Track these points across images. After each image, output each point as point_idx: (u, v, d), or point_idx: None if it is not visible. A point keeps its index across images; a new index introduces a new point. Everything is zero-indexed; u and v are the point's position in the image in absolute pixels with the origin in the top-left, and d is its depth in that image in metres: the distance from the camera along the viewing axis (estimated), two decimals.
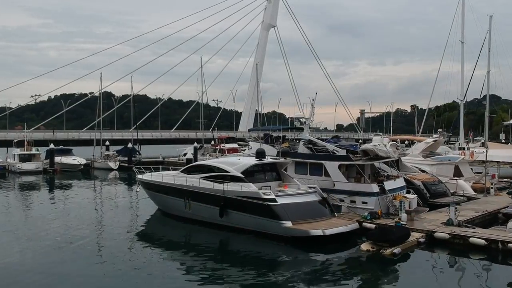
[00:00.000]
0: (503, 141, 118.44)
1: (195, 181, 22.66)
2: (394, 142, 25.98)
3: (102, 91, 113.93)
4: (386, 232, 17.88)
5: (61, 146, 58.01)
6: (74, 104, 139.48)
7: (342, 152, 24.83)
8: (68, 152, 56.18)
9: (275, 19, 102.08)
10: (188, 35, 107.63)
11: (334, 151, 25.16)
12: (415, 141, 36.46)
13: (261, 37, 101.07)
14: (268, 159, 21.92)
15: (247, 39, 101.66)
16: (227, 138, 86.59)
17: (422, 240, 18.89)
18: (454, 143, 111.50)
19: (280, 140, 27.87)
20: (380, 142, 24.71)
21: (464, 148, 40.10)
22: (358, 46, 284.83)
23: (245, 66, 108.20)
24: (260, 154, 21.51)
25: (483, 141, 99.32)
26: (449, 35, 54.57)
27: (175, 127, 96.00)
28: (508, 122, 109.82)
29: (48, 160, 53.69)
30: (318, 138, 28.92)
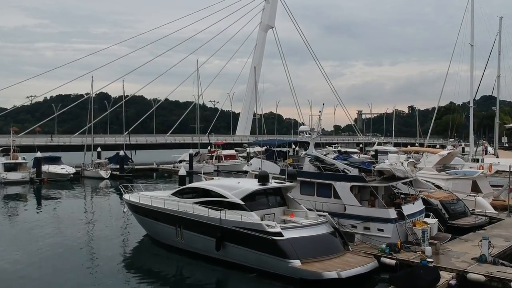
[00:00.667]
0: (506, 144, 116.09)
1: (188, 206, 19.83)
2: (412, 160, 23.24)
3: (98, 92, 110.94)
4: (413, 277, 15.09)
5: (49, 154, 55.01)
6: (70, 105, 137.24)
7: (355, 172, 22.07)
8: (56, 160, 53.16)
9: (273, 20, 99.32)
10: (185, 35, 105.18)
11: (345, 170, 22.41)
12: (423, 152, 33.69)
13: (259, 39, 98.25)
14: (272, 184, 19.13)
15: (245, 40, 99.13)
16: (224, 144, 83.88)
17: (453, 282, 16.09)
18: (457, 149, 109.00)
19: (291, 150, 25.11)
20: (397, 160, 21.96)
21: (478, 160, 37.47)
22: (354, 47, 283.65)
23: (242, 67, 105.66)
24: (263, 178, 18.72)
25: (486, 145, 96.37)
26: (458, 36, 51.83)
27: (170, 131, 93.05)
28: (511, 125, 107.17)
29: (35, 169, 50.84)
30: (321, 145, 26.23)
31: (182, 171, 28.68)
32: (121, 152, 55.01)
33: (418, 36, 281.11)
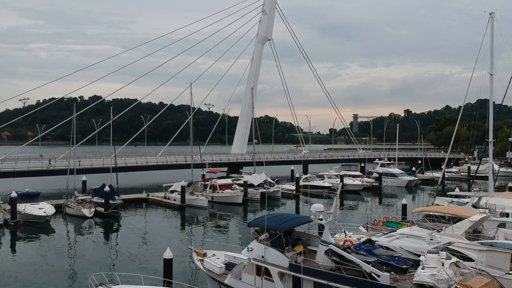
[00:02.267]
0: (510, 161, 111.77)
1: None
2: (455, 259, 18.81)
3: (92, 95, 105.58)
4: None
5: (27, 190, 50.07)
6: (63, 109, 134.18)
7: (384, 277, 17.50)
8: (34, 198, 48.17)
9: (271, 32, 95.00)
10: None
11: (372, 273, 17.86)
12: (449, 214, 29.03)
13: (256, 51, 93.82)
14: None
15: (246, 47, 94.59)
16: (219, 166, 79.40)
17: None
18: (462, 164, 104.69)
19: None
20: (437, 264, 17.44)
21: (508, 215, 33.01)
22: (349, 48, 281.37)
23: (243, 73, 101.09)
24: None
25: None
26: (477, 59, 48.32)
27: (161, 152, 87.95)
28: None
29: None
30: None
31: (177, 195, 23.82)
32: (106, 188, 50.09)
33: (412, 38, 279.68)
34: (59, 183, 70.47)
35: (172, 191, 58.95)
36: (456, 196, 43.75)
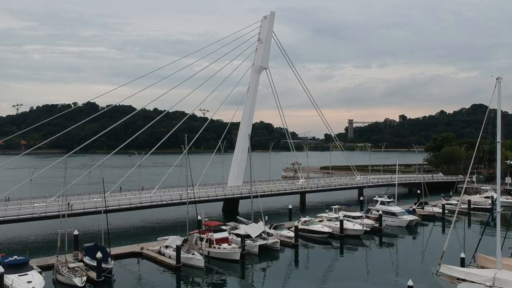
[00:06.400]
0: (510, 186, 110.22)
1: None
2: None
3: (86, 101, 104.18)
4: None
5: (15, 257, 47.85)
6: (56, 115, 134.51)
7: None
8: (22, 267, 45.80)
9: (267, 61, 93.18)
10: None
11: None
12: None
13: (252, 81, 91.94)
14: None
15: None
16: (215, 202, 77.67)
17: None
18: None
19: None
20: None
21: None
22: (343, 49, 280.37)
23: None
24: None
25: (490, 192, 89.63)
26: (484, 122, 47.13)
27: (156, 187, 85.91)
28: None
29: None
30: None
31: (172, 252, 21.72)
32: (99, 254, 47.85)
33: (406, 39, 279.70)
34: (49, 228, 68.70)
35: (166, 246, 57.08)
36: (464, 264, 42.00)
